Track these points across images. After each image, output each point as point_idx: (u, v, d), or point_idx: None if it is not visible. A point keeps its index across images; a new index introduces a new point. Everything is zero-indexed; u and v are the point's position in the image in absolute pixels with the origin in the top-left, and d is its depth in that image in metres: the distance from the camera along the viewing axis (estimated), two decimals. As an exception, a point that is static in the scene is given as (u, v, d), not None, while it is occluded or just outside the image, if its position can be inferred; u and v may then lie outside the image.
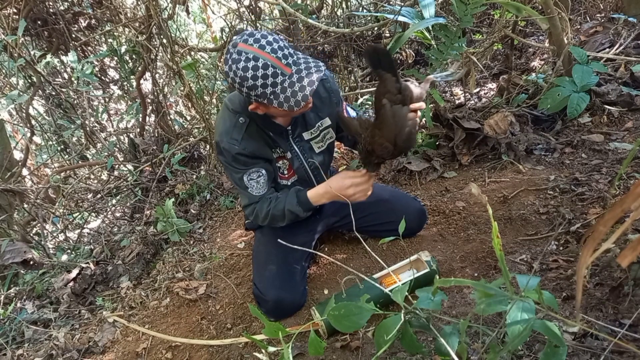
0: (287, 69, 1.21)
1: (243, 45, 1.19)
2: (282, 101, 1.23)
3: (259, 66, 1.18)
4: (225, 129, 1.45)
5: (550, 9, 2.04)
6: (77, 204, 2.76)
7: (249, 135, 1.45)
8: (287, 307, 1.58)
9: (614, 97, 2.24)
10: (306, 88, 1.21)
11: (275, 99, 1.23)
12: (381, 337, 0.87)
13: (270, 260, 1.63)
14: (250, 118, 1.44)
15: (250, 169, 1.49)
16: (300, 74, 1.23)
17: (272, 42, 1.20)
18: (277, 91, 1.22)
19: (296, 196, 1.49)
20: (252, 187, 1.51)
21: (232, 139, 1.43)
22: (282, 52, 1.21)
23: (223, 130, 1.45)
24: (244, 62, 1.18)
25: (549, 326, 0.71)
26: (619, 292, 1.15)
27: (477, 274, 1.56)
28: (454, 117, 2.30)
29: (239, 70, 1.19)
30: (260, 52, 1.18)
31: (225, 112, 1.48)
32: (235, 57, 1.19)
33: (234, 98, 1.47)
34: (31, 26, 2.95)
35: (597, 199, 1.66)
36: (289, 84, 1.22)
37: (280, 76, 1.21)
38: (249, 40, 1.20)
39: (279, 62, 1.20)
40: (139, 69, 3.00)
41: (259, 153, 1.49)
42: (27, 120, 2.98)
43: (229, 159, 1.47)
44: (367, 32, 3.51)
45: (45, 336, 1.77)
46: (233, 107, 1.46)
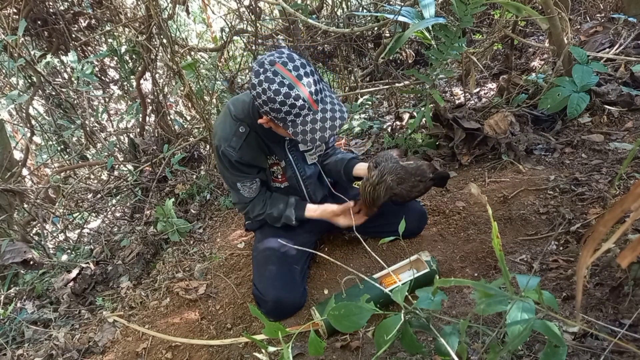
0: (315, 105, 1.26)
1: (281, 68, 1.22)
2: (298, 132, 1.27)
3: (292, 95, 1.22)
4: (225, 135, 1.47)
5: (550, 9, 2.04)
6: (77, 204, 2.76)
7: (247, 144, 1.48)
8: (287, 307, 1.58)
9: (614, 97, 2.24)
10: (327, 130, 1.27)
11: (292, 127, 1.27)
12: (381, 337, 0.87)
13: (270, 260, 1.63)
14: (251, 127, 1.47)
15: (244, 177, 1.56)
16: (325, 114, 1.27)
17: (308, 74, 1.24)
18: (297, 122, 1.26)
19: (294, 212, 1.62)
20: (244, 191, 1.59)
21: (230, 147, 1.47)
22: (315, 88, 1.25)
23: (222, 135, 1.48)
24: (277, 86, 1.21)
25: (549, 326, 0.71)
26: (619, 292, 1.15)
27: (477, 274, 1.56)
28: (454, 117, 2.31)
29: (271, 91, 1.21)
30: (296, 83, 1.22)
31: (227, 118, 1.49)
32: (270, 76, 1.22)
33: (238, 104, 1.48)
34: (31, 26, 2.95)
35: (597, 199, 1.66)
36: (312, 120, 1.26)
37: (307, 110, 1.25)
38: (289, 65, 1.23)
39: (310, 98, 1.24)
40: (139, 69, 3.00)
41: (255, 162, 1.54)
42: (27, 120, 2.98)
43: (225, 163, 1.52)
44: (367, 32, 3.52)
45: (45, 336, 1.77)
46: (236, 113, 1.47)
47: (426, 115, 2.18)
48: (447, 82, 3.41)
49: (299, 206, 1.63)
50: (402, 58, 3.49)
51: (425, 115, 2.18)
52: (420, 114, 2.24)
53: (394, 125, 2.74)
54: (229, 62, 3.86)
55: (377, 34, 3.51)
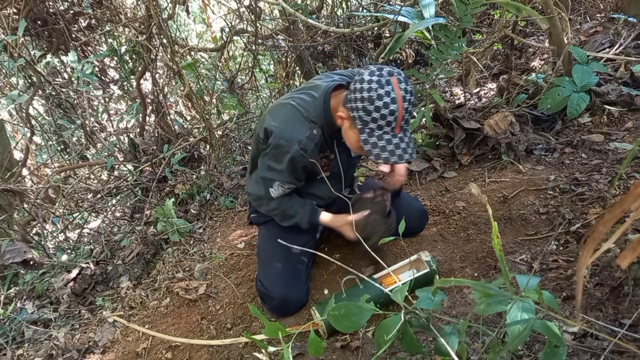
0: (399, 130, 1.31)
1: (395, 82, 1.26)
2: (369, 141, 1.31)
3: (389, 108, 1.25)
4: (298, 135, 1.42)
5: (550, 9, 2.04)
6: (77, 204, 2.76)
7: (317, 145, 1.46)
8: (292, 305, 1.58)
9: (614, 97, 2.25)
10: (393, 157, 1.31)
11: (368, 135, 1.31)
12: (381, 337, 0.87)
13: (275, 257, 1.63)
14: (322, 128, 1.46)
15: (289, 182, 1.54)
16: (400, 142, 1.32)
17: (411, 101, 1.29)
18: (375, 133, 1.30)
19: (308, 215, 1.60)
20: (274, 190, 1.57)
21: (302, 149, 1.42)
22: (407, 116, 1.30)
23: (296, 137, 1.42)
24: (384, 93, 1.25)
25: (549, 326, 0.71)
26: (619, 292, 1.15)
27: (477, 274, 1.56)
28: (454, 117, 2.31)
29: (375, 92, 1.25)
30: (399, 101, 1.26)
31: (298, 118, 1.44)
32: (382, 81, 1.26)
33: (307, 105, 1.45)
34: (31, 26, 2.95)
35: (597, 199, 1.66)
36: (387, 140, 1.30)
37: (390, 129, 1.30)
38: (402, 84, 1.27)
39: (400, 120, 1.29)
40: (139, 69, 3.00)
41: (311, 166, 1.51)
42: (27, 120, 2.98)
43: (285, 163, 1.46)
44: (367, 32, 3.51)
45: (45, 336, 1.77)
46: (308, 114, 1.44)
47: (426, 115, 2.18)
48: (447, 82, 3.41)
49: (314, 211, 1.61)
50: (402, 58, 3.49)
51: (425, 115, 2.18)
52: (420, 114, 2.24)
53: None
54: (229, 62, 3.85)
55: (377, 34, 3.51)
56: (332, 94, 1.44)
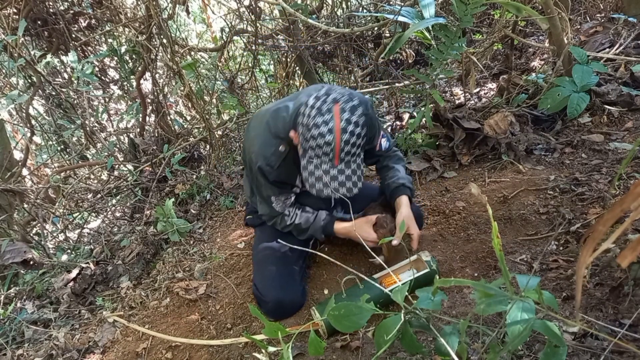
0: (337, 161, 1.28)
1: (336, 111, 1.23)
2: (306, 168, 1.31)
3: (325, 139, 1.24)
4: (263, 152, 1.45)
5: (550, 9, 2.04)
6: (77, 204, 2.76)
7: (286, 163, 1.47)
8: (287, 307, 1.58)
9: (614, 97, 2.25)
10: (328, 188, 1.29)
11: (306, 161, 1.31)
12: (381, 337, 0.87)
13: (269, 260, 1.63)
14: (290, 145, 1.45)
15: (280, 192, 1.54)
16: (340, 175, 1.29)
17: (354, 133, 1.25)
18: (312, 161, 1.30)
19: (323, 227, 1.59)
20: (277, 205, 1.57)
21: (268, 165, 1.45)
22: (351, 149, 1.26)
23: (260, 152, 1.45)
24: (321, 122, 1.23)
25: (549, 326, 0.71)
26: (619, 292, 1.15)
27: (477, 274, 1.56)
28: (454, 117, 2.31)
29: (313, 120, 1.25)
30: (336, 131, 1.23)
31: (267, 134, 1.46)
32: (323, 109, 1.24)
33: (278, 120, 1.45)
34: (31, 26, 2.95)
35: (597, 199, 1.66)
36: (324, 170, 1.29)
37: (327, 159, 1.28)
38: (345, 114, 1.23)
39: (338, 151, 1.25)
40: (139, 69, 3.00)
41: (290, 180, 1.53)
42: (27, 120, 2.98)
43: (261, 179, 1.50)
44: (367, 32, 3.51)
45: (45, 336, 1.77)
46: (276, 130, 1.44)
47: (426, 115, 2.18)
48: (447, 82, 3.41)
49: (329, 221, 1.60)
50: (402, 58, 3.49)
51: (425, 115, 2.18)
52: (420, 114, 2.24)
53: (394, 125, 2.74)
54: (229, 62, 3.85)
55: (377, 34, 3.51)
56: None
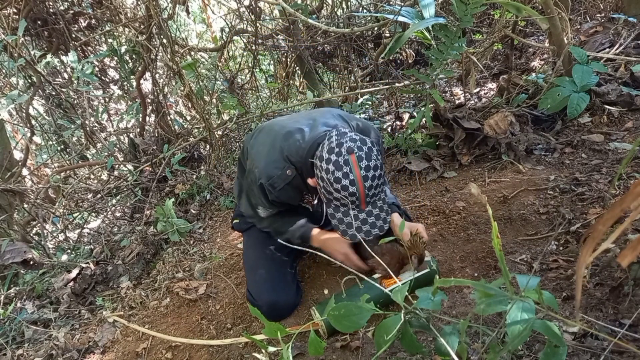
0: (364, 205, 1.30)
1: (354, 161, 1.25)
2: (335, 216, 1.33)
3: (349, 190, 1.26)
4: (269, 171, 1.42)
5: (550, 9, 2.04)
6: (77, 204, 2.76)
7: (289, 186, 1.45)
8: (282, 308, 1.57)
9: (614, 97, 2.24)
10: (362, 232, 1.30)
11: (334, 210, 1.33)
12: (381, 337, 0.87)
13: (259, 264, 1.62)
14: (298, 171, 1.44)
15: (269, 208, 1.54)
16: (369, 217, 1.31)
17: (375, 177, 1.27)
18: (340, 209, 1.31)
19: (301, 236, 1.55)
20: (262, 212, 1.58)
21: (270, 185, 1.43)
22: (373, 191, 1.28)
23: (266, 171, 1.43)
24: (341, 176, 1.25)
25: (549, 326, 0.71)
26: (619, 292, 1.15)
27: (477, 274, 1.56)
28: (454, 117, 2.30)
29: (333, 175, 1.26)
30: (359, 182, 1.25)
31: (277, 154, 1.43)
32: (340, 162, 1.25)
33: (292, 145, 1.42)
34: (31, 26, 2.95)
35: (597, 199, 1.66)
36: (354, 215, 1.30)
37: (354, 206, 1.30)
38: (363, 162, 1.25)
39: (364, 198, 1.27)
40: (139, 69, 3.00)
41: (289, 201, 1.52)
42: (27, 120, 2.98)
43: (259, 193, 1.49)
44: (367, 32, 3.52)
45: (45, 336, 1.77)
46: (289, 154, 1.42)
47: (426, 115, 2.18)
48: (447, 82, 3.41)
49: (306, 229, 1.57)
50: (402, 58, 3.49)
51: (425, 115, 2.18)
52: (420, 114, 2.24)
53: (394, 125, 2.74)
54: (229, 62, 3.86)
55: (377, 34, 3.51)
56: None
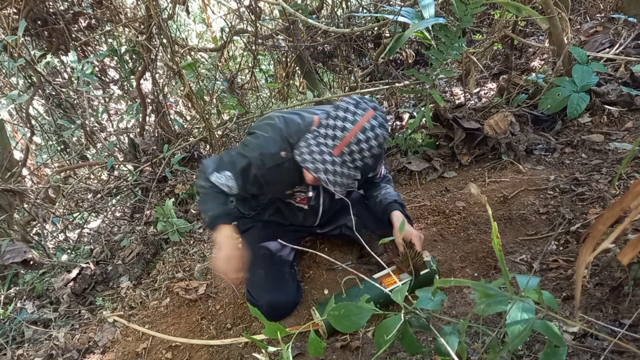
0: (337, 151, 1.25)
1: (369, 115, 1.25)
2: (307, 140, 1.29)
3: (345, 123, 1.24)
4: (263, 147, 1.41)
5: (550, 9, 2.04)
6: (77, 204, 2.76)
7: (279, 168, 1.43)
8: (282, 308, 1.57)
9: (614, 97, 2.25)
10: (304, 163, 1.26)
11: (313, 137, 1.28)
12: (381, 337, 0.87)
13: (257, 264, 1.62)
14: (291, 155, 1.41)
15: (235, 180, 1.48)
16: (328, 164, 1.25)
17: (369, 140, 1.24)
18: (318, 138, 1.27)
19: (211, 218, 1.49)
20: (219, 176, 1.49)
21: (260, 161, 1.41)
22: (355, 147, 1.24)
23: (264, 148, 1.42)
24: (351, 114, 1.24)
25: (549, 326, 0.71)
26: (619, 292, 1.15)
27: (477, 274, 1.56)
28: (454, 117, 2.31)
29: (346, 106, 1.26)
30: (358, 127, 1.23)
31: (277, 133, 1.42)
32: (361, 105, 1.25)
33: (293, 125, 1.42)
34: (31, 26, 2.95)
35: (597, 198, 1.66)
36: (320, 151, 1.26)
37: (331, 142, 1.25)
38: (374, 121, 1.24)
39: (344, 144, 1.24)
40: (139, 69, 3.00)
41: (271, 186, 1.48)
42: (27, 120, 2.98)
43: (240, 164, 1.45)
44: (367, 32, 3.52)
45: (45, 336, 1.77)
46: (288, 132, 1.41)
47: (426, 115, 2.18)
48: (447, 82, 3.41)
49: (222, 219, 1.49)
50: (402, 58, 3.49)
51: (425, 115, 2.18)
52: (420, 114, 2.24)
53: (394, 125, 2.74)
54: (229, 62, 3.86)
55: (377, 34, 3.51)
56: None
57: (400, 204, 1.61)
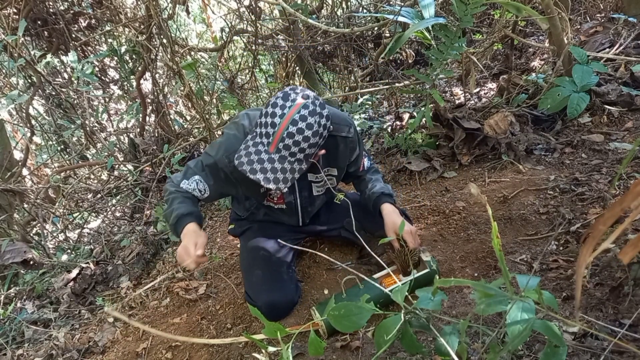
0: (272, 148, 1.24)
1: (298, 105, 1.24)
2: (248, 142, 1.28)
3: (274, 118, 1.23)
4: (228, 146, 1.40)
5: (550, 9, 2.04)
6: (77, 204, 2.76)
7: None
8: (281, 308, 1.57)
9: (614, 97, 2.25)
10: (242, 166, 1.24)
11: (250, 139, 1.28)
12: (381, 337, 0.87)
13: (255, 265, 1.62)
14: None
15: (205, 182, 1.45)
16: (267, 163, 1.24)
17: (301, 129, 1.23)
18: (255, 139, 1.27)
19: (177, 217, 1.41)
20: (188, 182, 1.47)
21: (226, 158, 1.39)
22: (289, 141, 1.23)
23: (228, 146, 1.40)
24: (279, 107, 1.23)
25: (549, 326, 0.70)
26: (619, 292, 1.15)
27: (477, 274, 1.56)
28: (454, 117, 2.30)
29: (274, 101, 1.25)
30: (286, 119, 1.22)
31: (236, 131, 1.42)
32: (289, 97, 1.25)
33: (255, 120, 1.40)
34: (31, 26, 2.95)
35: (597, 198, 1.66)
36: (256, 151, 1.25)
37: (265, 141, 1.25)
38: (303, 111, 1.23)
39: (277, 140, 1.23)
40: (139, 69, 3.00)
41: (242, 182, 1.45)
42: (27, 120, 2.98)
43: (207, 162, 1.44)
44: (367, 32, 3.52)
45: (45, 336, 1.77)
46: (251, 128, 1.40)
47: (426, 115, 2.18)
48: (447, 82, 3.41)
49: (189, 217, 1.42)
50: (402, 58, 3.49)
51: (425, 115, 2.18)
52: (420, 113, 2.24)
53: (394, 125, 2.74)
54: (229, 62, 3.86)
55: (377, 34, 3.51)
56: None
57: (388, 194, 1.59)
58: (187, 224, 1.39)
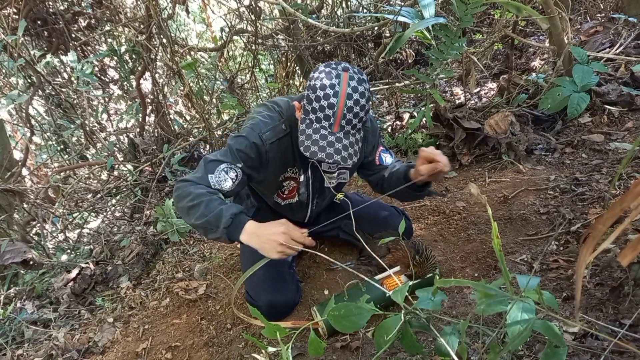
0: (336, 128, 1.24)
1: (345, 78, 1.23)
2: (305, 130, 1.26)
3: (329, 100, 1.21)
4: (262, 125, 1.38)
5: (550, 8, 2.04)
6: (77, 204, 2.76)
7: (279, 144, 1.41)
8: (281, 308, 1.57)
9: (614, 97, 2.24)
10: (324, 152, 1.23)
11: (305, 126, 1.26)
12: (381, 337, 0.87)
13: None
14: (291, 128, 1.41)
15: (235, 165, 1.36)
16: (338, 143, 1.24)
17: (357, 100, 1.23)
18: (312, 125, 1.25)
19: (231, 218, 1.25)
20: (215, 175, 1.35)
21: (262, 135, 1.36)
22: (352, 118, 1.24)
23: (260, 126, 1.37)
24: (329, 85, 1.21)
25: (549, 326, 0.70)
26: (619, 292, 1.15)
27: (477, 274, 1.56)
28: (454, 117, 2.30)
29: (321, 81, 1.23)
30: (342, 96, 1.21)
31: (268, 111, 1.43)
32: (333, 74, 1.23)
33: (282, 103, 1.44)
34: (31, 26, 2.95)
35: (598, 198, 1.66)
36: (322, 135, 1.24)
37: (327, 123, 1.24)
38: (354, 83, 1.22)
39: (339, 119, 1.23)
40: (138, 68, 3.00)
41: (270, 163, 1.43)
42: (27, 120, 2.98)
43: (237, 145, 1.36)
44: (367, 32, 3.52)
45: (45, 336, 1.77)
46: (279, 109, 1.42)
47: (426, 115, 2.18)
48: (447, 82, 3.41)
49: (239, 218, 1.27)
50: (402, 58, 3.49)
51: (426, 115, 2.18)
52: (421, 113, 2.24)
53: (394, 125, 2.74)
54: (228, 61, 3.86)
55: (377, 34, 3.51)
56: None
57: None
58: (246, 221, 1.28)
